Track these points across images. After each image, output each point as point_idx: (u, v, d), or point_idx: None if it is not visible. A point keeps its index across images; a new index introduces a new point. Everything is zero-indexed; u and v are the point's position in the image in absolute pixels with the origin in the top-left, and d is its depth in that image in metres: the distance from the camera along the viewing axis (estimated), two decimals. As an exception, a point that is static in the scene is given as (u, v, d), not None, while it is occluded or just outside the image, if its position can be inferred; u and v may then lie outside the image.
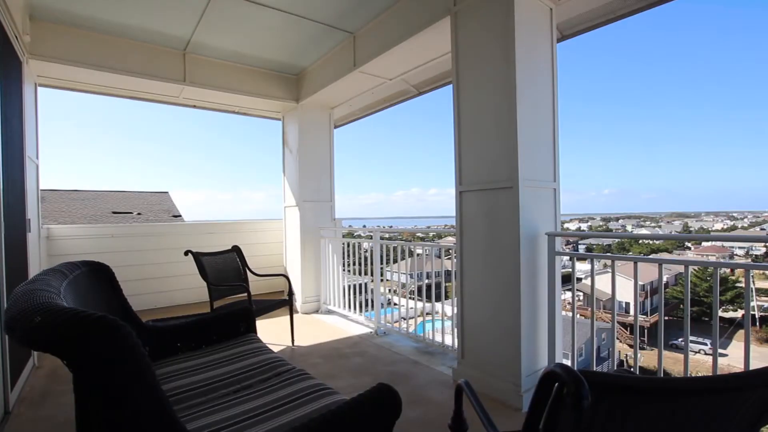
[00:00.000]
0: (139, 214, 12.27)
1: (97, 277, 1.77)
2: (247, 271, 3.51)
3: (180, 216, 12.77)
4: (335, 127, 5.48)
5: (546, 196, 2.50)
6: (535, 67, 2.44)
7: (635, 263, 2.10)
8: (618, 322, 18.50)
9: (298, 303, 4.59)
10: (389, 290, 5.39)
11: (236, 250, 3.56)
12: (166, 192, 14.64)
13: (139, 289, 4.50)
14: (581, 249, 33.29)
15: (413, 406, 2.31)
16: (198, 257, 3.12)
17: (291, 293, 3.40)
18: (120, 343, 0.78)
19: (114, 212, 11.98)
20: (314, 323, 4.17)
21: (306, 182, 4.63)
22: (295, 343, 3.43)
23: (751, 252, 29.77)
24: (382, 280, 3.91)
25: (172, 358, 1.92)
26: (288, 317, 3.43)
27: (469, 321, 2.61)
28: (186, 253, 3.12)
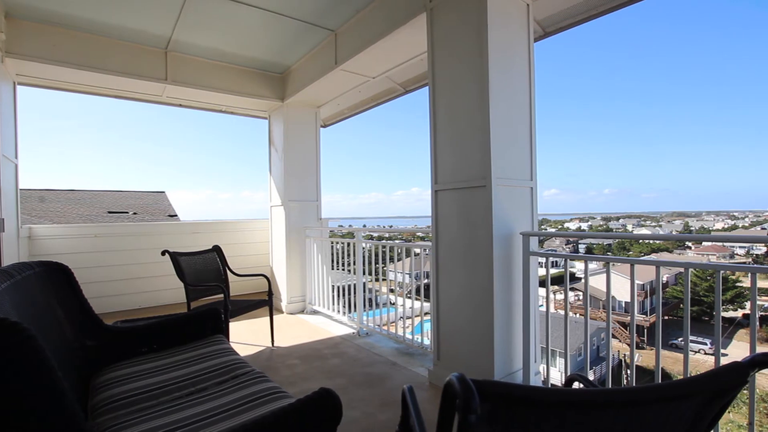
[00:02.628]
0: (134, 213, 12.25)
1: (52, 278, 1.74)
2: (228, 271, 3.48)
3: (176, 216, 12.74)
4: (324, 126, 5.44)
5: (522, 195, 2.45)
6: (510, 64, 2.39)
7: (608, 263, 2.07)
8: (618, 322, 18.55)
9: (284, 303, 4.56)
10: (380, 290, 5.35)
11: (216, 249, 3.52)
12: (163, 192, 14.63)
13: (124, 288, 4.48)
14: (581, 249, 33.34)
15: (385, 408, 2.28)
16: (175, 257, 3.08)
17: (270, 293, 3.36)
18: (13, 350, 0.74)
19: (109, 212, 11.97)
20: (298, 324, 4.13)
21: (292, 182, 4.59)
22: (276, 344, 3.39)
23: (751, 251, 29.65)
24: (364, 280, 3.86)
25: (134, 359, 1.88)
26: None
27: (444, 322, 2.57)
28: (163, 253, 3.09)
